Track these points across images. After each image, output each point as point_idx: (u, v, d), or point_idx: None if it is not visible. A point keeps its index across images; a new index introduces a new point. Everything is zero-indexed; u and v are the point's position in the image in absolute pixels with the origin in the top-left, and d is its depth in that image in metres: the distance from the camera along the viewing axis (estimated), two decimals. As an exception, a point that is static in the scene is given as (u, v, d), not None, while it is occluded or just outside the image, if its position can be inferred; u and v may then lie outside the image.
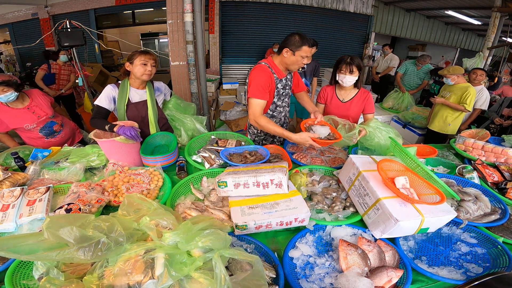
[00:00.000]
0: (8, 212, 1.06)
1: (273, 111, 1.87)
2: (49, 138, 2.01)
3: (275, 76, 1.71)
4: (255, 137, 2.02)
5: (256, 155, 1.55)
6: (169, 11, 2.99)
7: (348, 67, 1.82)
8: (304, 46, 1.55)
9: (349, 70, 1.82)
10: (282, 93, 1.82)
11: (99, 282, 0.68)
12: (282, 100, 1.86)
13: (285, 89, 1.84)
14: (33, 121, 1.88)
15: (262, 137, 2.01)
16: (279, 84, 1.76)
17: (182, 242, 0.74)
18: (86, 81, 3.36)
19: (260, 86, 1.62)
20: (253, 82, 1.63)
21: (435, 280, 0.92)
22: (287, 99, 1.92)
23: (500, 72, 5.19)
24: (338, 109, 2.00)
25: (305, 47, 1.55)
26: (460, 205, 1.25)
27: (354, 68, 1.81)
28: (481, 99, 3.10)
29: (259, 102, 1.63)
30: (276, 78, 1.71)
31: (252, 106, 1.63)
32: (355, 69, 1.82)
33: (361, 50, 7.16)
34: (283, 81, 1.78)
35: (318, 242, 1.08)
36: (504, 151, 1.73)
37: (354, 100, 1.97)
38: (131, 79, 1.74)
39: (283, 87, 1.80)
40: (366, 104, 1.97)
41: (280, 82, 1.76)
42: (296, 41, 1.55)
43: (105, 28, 6.82)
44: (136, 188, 1.30)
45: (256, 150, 1.60)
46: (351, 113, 1.99)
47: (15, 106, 1.82)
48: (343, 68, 1.84)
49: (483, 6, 5.38)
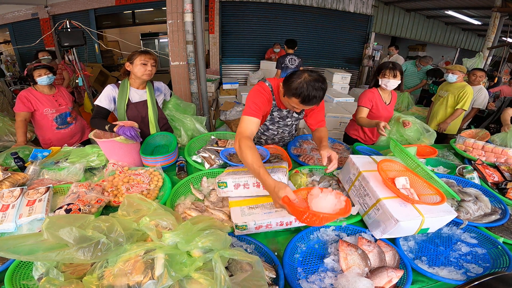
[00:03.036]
0: (8, 212, 1.06)
1: (265, 131, 1.77)
2: (60, 128, 2.20)
3: (274, 103, 1.54)
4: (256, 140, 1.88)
5: None
6: (169, 11, 2.98)
7: (391, 71, 1.98)
8: (294, 98, 1.26)
9: (393, 74, 1.99)
10: (277, 121, 1.67)
11: (99, 282, 0.68)
12: (276, 127, 1.71)
13: (284, 120, 1.66)
14: (54, 107, 2.14)
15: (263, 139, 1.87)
16: (275, 112, 1.59)
17: (182, 242, 0.74)
18: (86, 81, 3.36)
19: (255, 104, 1.39)
20: (249, 98, 1.44)
21: (435, 280, 0.92)
22: (287, 128, 1.76)
23: (500, 72, 5.19)
24: (384, 111, 2.14)
25: (295, 98, 1.26)
26: (460, 205, 1.25)
27: (397, 72, 1.98)
28: (479, 98, 3.11)
29: (251, 120, 1.34)
30: (274, 105, 1.54)
31: (242, 123, 1.34)
32: (398, 73, 1.98)
33: (361, 50, 7.17)
34: (283, 112, 1.60)
35: (318, 242, 1.08)
36: (504, 151, 1.73)
37: (392, 101, 2.21)
38: (131, 79, 1.74)
39: (280, 117, 1.64)
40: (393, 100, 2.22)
41: (278, 111, 1.59)
42: (292, 86, 1.25)
43: (105, 28, 6.83)
44: (136, 188, 1.30)
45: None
46: (391, 114, 2.21)
47: (42, 91, 2.10)
48: (387, 73, 2.00)
49: (483, 6, 5.38)
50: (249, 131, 1.31)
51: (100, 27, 6.49)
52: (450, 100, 2.92)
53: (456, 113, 2.89)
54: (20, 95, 2.02)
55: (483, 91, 3.14)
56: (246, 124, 1.32)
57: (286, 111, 1.60)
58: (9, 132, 2.49)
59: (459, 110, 2.86)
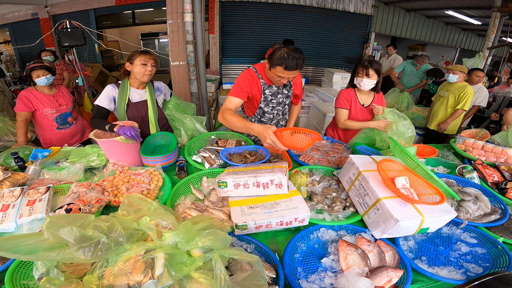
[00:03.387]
0: (8, 212, 1.06)
1: (261, 116, 1.85)
2: (60, 128, 2.20)
3: (262, 81, 1.67)
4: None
5: (256, 155, 1.55)
6: (169, 11, 2.99)
7: (364, 70, 1.80)
8: (278, 66, 1.44)
9: (366, 73, 1.80)
10: (271, 100, 1.77)
11: (99, 282, 0.68)
12: (271, 107, 1.80)
13: (276, 97, 1.78)
14: (54, 107, 2.14)
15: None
16: (266, 90, 1.72)
17: (182, 242, 0.74)
18: (86, 81, 3.36)
19: (238, 86, 1.63)
20: (234, 84, 1.66)
21: (435, 280, 0.92)
22: (280, 107, 1.86)
23: (500, 72, 5.20)
24: (361, 113, 1.98)
25: (279, 67, 1.44)
26: (460, 205, 1.25)
27: (371, 71, 1.78)
28: (480, 97, 3.12)
29: (233, 99, 1.61)
30: (263, 83, 1.69)
31: (226, 101, 1.61)
32: (372, 72, 1.78)
33: (361, 50, 7.16)
34: (273, 88, 1.73)
35: (317, 242, 1.08)
36: (504, 151, 1.73)
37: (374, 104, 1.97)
38: (131, 79, 1.74)
39: (272, 94, 1.75)
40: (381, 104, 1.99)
41: (269, 88, 1.72)
42: (275, 57, 1.45)
43: (105, 28, 6.82)
44: (136, 188, 1.30)
45: (256, 150, 1.60)
46: (369, 118, 1.99)
47: (42, 91, 2.10)
48: (360, 71, 1.82)
49: (483, 6, 5.38)
50: (231, 105, 1.57)
51: (100, 27, 6.49)
52: (450, 100, 2.92)
53: (457, 113, 2.90)
54: (20, 95, 2.02)
55: (483, 90, 3.16)
56: (228, 102, 1.60)
57: (276, 87, 1.74)
58: (10, 132, 2.49)
59: (460, 110, 2.86)
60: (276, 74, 1.51)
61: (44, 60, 3.91)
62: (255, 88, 1.69)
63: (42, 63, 2.05)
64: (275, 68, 1.47)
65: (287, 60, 1.41)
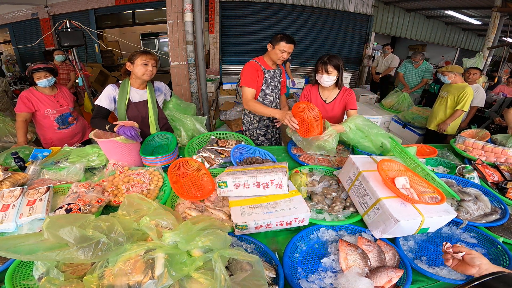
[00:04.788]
0: (8, 212, 1.06)
1: (263, 99, 2.09)
2: (61, 129, 2.21)
3: (263, 68, 1.99)
4: (249, 126, 2.21)
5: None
6: (169, 11, 2.99)
7: (323, 66, 1.77)
8: (282, 42, 1.83)
9: (325, 69, 1.77)
10: (270, 83, 2.06)
11: (99, 282, 0.68)
12: (271, 90, 2.09)
13: (273, 80, 2.08)
14: (55, 107, 2.15)
15: (256, 125, 2.21)
16: (266, 74, 2.01)
17: (182, 242, 0.74)
18: (86, 81, 3.37)
19: (249, 76, 1.93)
20: (243, 73, 1.96)
21: (435, 280, 0.92)
22: (277, 90, 2.14)
23: (500, 72, 5.20)
24: (322, 109, 1.94)
25: (283, 42, 1.83)
26: (460, 205, 1.25)
27: (330, 67, 1.75)
28: (477, 97, 3.12)
29: (249, 89, 1.94)
30: (263, 69, 1.99)
31: (244, 93, 1.95)
32: (331, 68, 1.75)
33: (361, 50, 7.16)
34: (270, 72, 2.04)
35: (317, 242, 1.08)
36: (504, 151, 1.73)
37: (337, 101, 1.94)
38: (131, 79, 1.74)
39: (270, 77, 2.05)
40: (348, 101, 1.92)
41: (268, 72, 2.02)
42: (276, 38, 1.85)
43: (105, 28, 6.83)
44: (136, 188, 1.30)
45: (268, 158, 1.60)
46: (335, 114, 1.97)
47: (43, 92, 2.10)
48: (319, 68, 1.80)
49: (483, 6, 5.37)
50: (251, 96, 1.96)
51: (100, 27, 6.49)
52: (449, 100, 2.92)
53: (456, 114, 2.90)
54: (21, 96, 2.02)
55: (480, 90, 3.17)
56: (247, 92, 1.95)
57: (272, 71, 2.05)
58: (9, 133, 2.47)
59: (459, 111, 2.86)
60: (279, 50, 1.86)
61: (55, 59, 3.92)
62: (260, 75, 2.00)
63: (46, 64, 2.05)
64: (278, 44, 1.84)
65: (287, 36, 1.84)
